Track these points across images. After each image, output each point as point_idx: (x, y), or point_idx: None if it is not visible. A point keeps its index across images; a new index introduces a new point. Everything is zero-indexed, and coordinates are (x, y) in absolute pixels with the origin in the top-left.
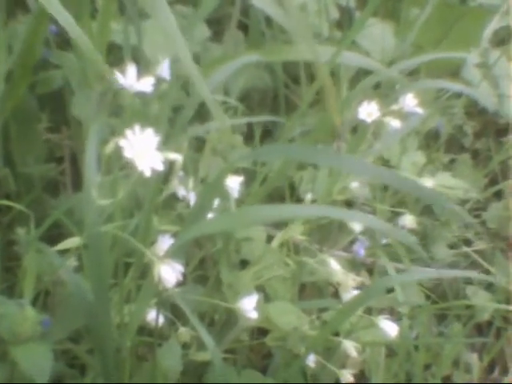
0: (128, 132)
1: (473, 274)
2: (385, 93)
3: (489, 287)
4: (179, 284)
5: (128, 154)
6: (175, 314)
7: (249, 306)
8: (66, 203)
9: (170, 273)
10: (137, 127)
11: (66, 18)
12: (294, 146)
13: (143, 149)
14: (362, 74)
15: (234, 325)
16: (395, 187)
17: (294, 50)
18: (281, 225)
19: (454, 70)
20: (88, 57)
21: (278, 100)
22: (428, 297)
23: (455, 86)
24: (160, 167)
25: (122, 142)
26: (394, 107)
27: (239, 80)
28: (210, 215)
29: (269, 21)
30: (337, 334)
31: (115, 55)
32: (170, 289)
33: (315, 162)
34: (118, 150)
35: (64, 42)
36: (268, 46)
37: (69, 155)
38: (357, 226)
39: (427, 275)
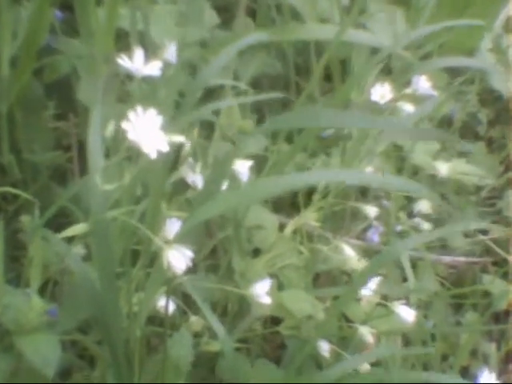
0: (131, 114)
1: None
2: (397, 78)
3: (505, 276)
4: (190, 272)
5: (132, 136)
6: (186, 303)
7: (262, 290)
8: (72, 189)
9: (179, 258)
10: (139, 109)
11: None
12: (319, 110)
13: (147, 130)
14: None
15: (247, 314)
16: None
17: (303, 29)
18: (293, 212)
19: (467, 56)
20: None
21: (289, 87)
22: (443, 285)
23: (471, 63)
24: (165, 148)
25: (125, 125)
26: (408, 90)
27: (249, 66)
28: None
29: (279, 7)
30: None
31: (122, 41)
32: (180, 276)
33: (343, 125)
34: (122, 134)
35: (70, 28)
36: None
37: (76, 143)
38: (371, 212)
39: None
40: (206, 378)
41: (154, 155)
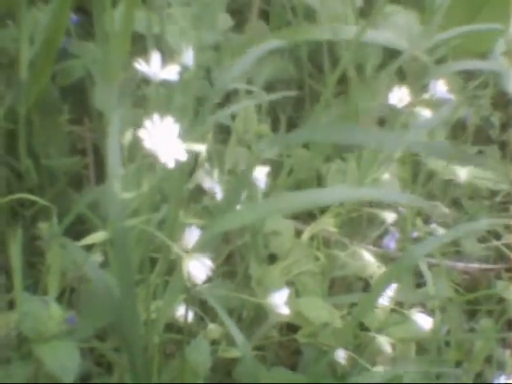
0: (147, 122)
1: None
2: (413, 82)
3: None
4: (207, 279)
5: (148, 144)
6: (203, 309)
7: (280, 300)
8: (90, 197)
9: (199, 268)
10: (156, 116)
11: None
12: (331, 127)
13: (164, 139)
14: (387, 63)
15: (263, 321)
16: None
17: (318, 29)
18: (309, 219)
19: (481, 59)
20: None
21: (302, 89)
22: (458, 291)
23: (485, 66)
24: (183, 157)
25: (142, 133)
26: (425, 95)
27: (263, 70)
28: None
29: (293, 9)
30: (367, 331)
31: (137, 44)
32: (199, 285)
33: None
34: (140, 141)
35: (84, 31)
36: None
37: (91, 147)
38: (389, 218)
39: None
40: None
41: (171, 164)
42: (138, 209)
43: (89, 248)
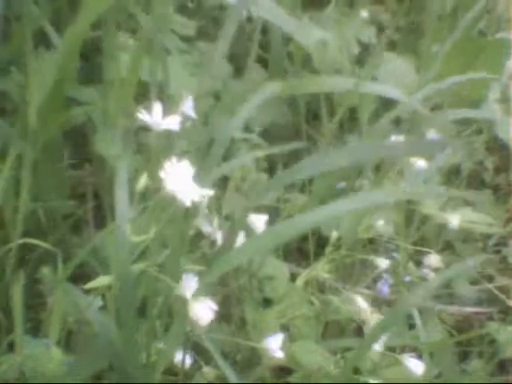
0: (166, 164)
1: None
2: (407, 128)
3: (511, 324)
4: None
5: (169, 186)
6: (198, 351)
7: (274, 345)
8: (92, 242)
9: (204, 311)
10: (174, 159)
11: None
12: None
13: (181, 180)
14: (382, 110)
15: (257, 363)
16: None
17: (316, 81)
18: (304, 262)
19: (475, 106)
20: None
21: (299, 134)
22: (450, 334)
23: (480, 114)
24: (198, 198)
25: (163, 174)
26: None
27: (261, 116)
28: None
29: (290, 55)
30: (360, 373)
31: (138, 91)
32: (200, 327)
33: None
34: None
35: (86, 77)
36: (289, 80)
37: (91, 192)
38: (383, 264)
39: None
40: None
41: (188, 204)
42: (142, 253)
43: (87, 291)
